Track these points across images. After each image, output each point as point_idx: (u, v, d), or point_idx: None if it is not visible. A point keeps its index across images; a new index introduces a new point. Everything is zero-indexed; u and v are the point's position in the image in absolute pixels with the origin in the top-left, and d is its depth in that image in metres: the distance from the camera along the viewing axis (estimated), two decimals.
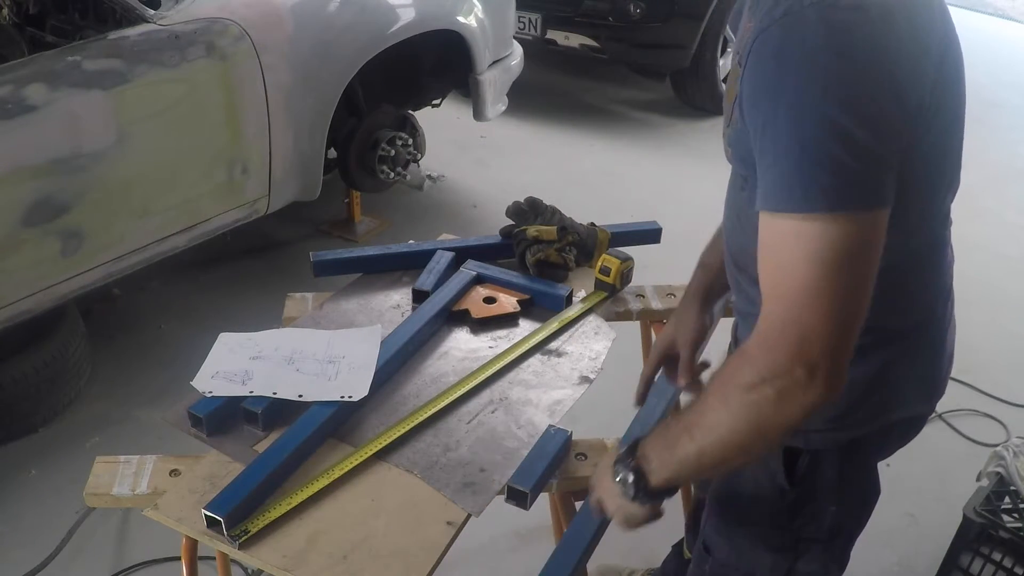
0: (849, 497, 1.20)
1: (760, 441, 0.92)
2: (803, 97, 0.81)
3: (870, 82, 0.82)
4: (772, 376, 0.86)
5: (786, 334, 0.85)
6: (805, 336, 0.84)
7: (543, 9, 4.64)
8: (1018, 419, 2.64)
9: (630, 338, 2.01)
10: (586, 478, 1.39)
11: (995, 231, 3.84)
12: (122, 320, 2.90)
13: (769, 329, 0.87)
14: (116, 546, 2.09)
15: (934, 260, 1.07)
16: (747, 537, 1.24)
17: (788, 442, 1.10)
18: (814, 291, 0.83)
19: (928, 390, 1.15)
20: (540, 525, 2.04)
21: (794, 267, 0.84)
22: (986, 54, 6.56)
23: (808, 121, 0.81)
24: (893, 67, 0.84)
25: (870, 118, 0.82)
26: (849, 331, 0.85)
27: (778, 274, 0.87)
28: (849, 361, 0.87)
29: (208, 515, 1.21)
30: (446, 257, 1.84)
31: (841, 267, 0.83)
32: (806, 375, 0.85)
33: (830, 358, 0.85)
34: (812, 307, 0.84)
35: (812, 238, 0.83)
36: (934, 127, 0.90)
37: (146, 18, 2.36)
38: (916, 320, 1.08)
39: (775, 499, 1.17)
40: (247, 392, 1.42)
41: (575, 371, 1.59)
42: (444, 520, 1.26)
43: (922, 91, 0.87)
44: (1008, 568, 1.80)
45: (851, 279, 0.84)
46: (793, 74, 0.82)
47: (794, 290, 0.85)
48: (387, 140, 3.21)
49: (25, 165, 2.07)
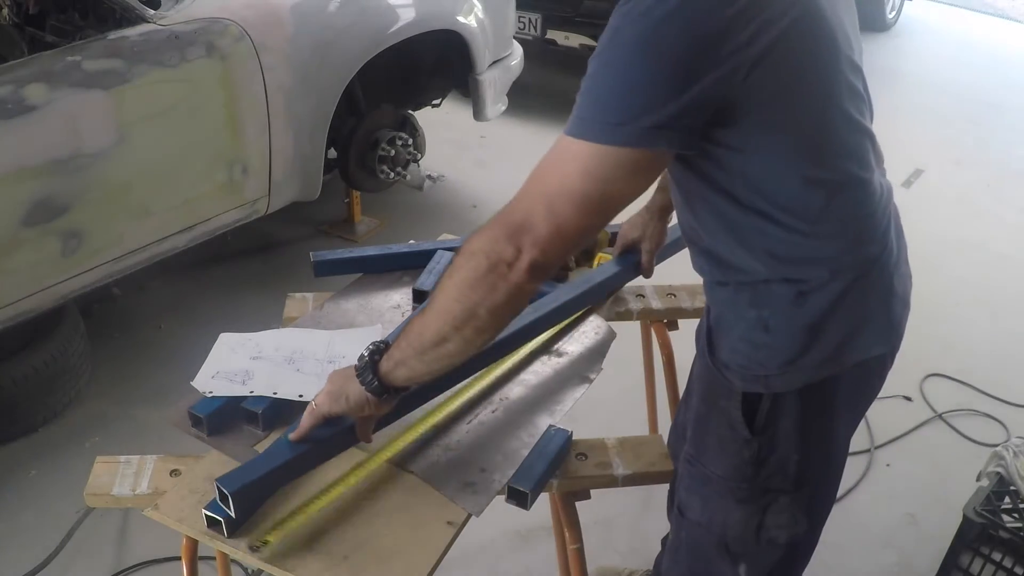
0: (812, 446, 1.22)
1: (469, 314, 1.03)
2: (617, 43, 0.94)
3: (672, 39, 0.91)
4: (488, 249, 1.01)
5: (513, 221, 1.00)
6: (526, 226, 0.99)
7: (543, 9, 4.64)
8: (1018, 419, 2.64)
9: (630, 338, 2.02)
10: (587, 478, 1.40)
11: (995, 231, 3.85)
12: (122, 320, 2.90)
13: (505, 214, 1.02)
14: (116, 546, 2.09)
15: (855, 200, 1.11)
16: (716, 492, 1.28)
17: (746, 388, 1.18)
18: (555, 200, 0.98)
19: (880, 331, 1.19)
20: (540, 525, 2.04)
21: (546, 175, 1.00)
22: (986, 54, 6.56)
23: (612, 64, 0.95)
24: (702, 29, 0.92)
25: (663, 71, 0.93)
26: (562, 239, 0.99)
27: (537, 179, 1.01)
28: (554, 266, 1.02)
29: (208, 515, 1.21)
30: (446, 257, 1.83)
31: (588, 193, 0.97)
32: (513, 255, 0.99)
33: (538, 250, 0.99)
34: (542, 208, 0.98)
35: (577, 161, 0.97)
36: (773, 73, 0.96)
37: (146, 18, 2.36)
38: (855, 259, 1.12)
39: (739, 450, 1.22)
40: (247, 392, 1.42)
41: (575, 371, 1.59)
42: (444, 520, 1.26)
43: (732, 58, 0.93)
44: (1008, 568, 1.80)
45: (590, 205, 0.98)
46: (623, 24, 0.94)
47: (536, 192, 1.00)
48: (387, 140, 3.21)
49: (25, 165, 2.07)
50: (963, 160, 4.55)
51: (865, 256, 1.14)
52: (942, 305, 3.17)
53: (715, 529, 1.30)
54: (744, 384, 1.19)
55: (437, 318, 1.06)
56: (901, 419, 2.61)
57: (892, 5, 6.80)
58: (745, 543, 1.29)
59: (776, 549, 1.28)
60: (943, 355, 2.90)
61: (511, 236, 1.00)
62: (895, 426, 2.58)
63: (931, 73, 6.00)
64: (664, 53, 0.92)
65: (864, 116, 1.11)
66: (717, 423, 1.24)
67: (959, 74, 5.98)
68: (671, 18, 0.91)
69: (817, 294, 1.11)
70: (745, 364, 1.18)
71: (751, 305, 1.15)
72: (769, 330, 1.14)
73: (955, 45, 6.77)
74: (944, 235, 3.71)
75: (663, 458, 1.45)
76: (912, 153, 4.42)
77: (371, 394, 1.15)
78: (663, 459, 1.44)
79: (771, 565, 1.30)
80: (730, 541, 1.29)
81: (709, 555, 1.33)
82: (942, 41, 6.86)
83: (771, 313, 1.14)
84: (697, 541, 1.35)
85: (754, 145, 1.02)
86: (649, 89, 0.93)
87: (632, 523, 2.18)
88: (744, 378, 1.18)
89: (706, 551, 1.33)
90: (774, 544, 1.28)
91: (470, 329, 1.05)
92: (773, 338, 1.15)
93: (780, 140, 1.02)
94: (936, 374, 2.82)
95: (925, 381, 2.78)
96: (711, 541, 1.32)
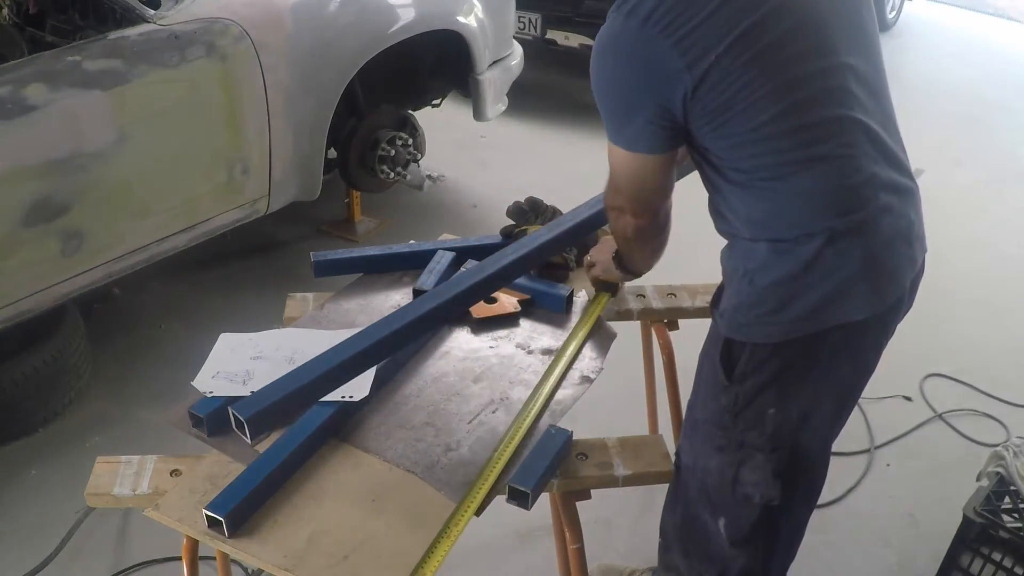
0: (789, 404, 1.30)
1: (623, 240, 1.51)
2: (597, 70, 1.26)
3: (624, 68, 1.23)
4: (610, 205, 1.43)
5: (611, 191, 1.40)
6: (616, 193, 1.39)
7: (543, 9, 4.64)
8: (1018, 419, 2.64)
9: (630, 338, 2.02)
10: (587, 478, 1.40)
11: (995, 231, 3.85)
12: (122, 320, 2.90)
13: (608, 186, 1.40)
14: (116, 546, 2.09)
15: (832, 174, 1.23)
16: (700, 437, 1.41)
17: (729, 334, 1.32)
18: (619, 178, 1.35)
19: (861, 299, 1.26)
20: (540, 525, 2.04)
21: (614, 165, 1.34)
22: (986, 54, 6.56)
23: (597, 90, 1.27)
24: (644, 56, 1.20)
25: (623, 94, 1.26)
26: (638, 199, 1.37)
27: (611, 167, 1.35)
28: (650, 212, 1.39)
29: (209, 515, 1.21)
30: (447, 257, 1.84)
31: (630, 175, 1.33)
32: (618, 208, 1.41)
33: (631, 203, 1.38)
34: (620, 184, 1.36)
35: (619, 156, 1.31)
36: (730, 70, 1.17)
37: (146, 18, 2.36)
38: (827, 227, 1.23)
39: (718, 395, 1.35)
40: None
41: (575, 371, 1.59)
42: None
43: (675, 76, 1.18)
44: (1008, 568, 1.80)
45: (634, 186, 1.35)
46: (597, 55, 1.26)
47: (614, 174, 1.36)
48: (387, 140, 3.21)
49: (25, 165, 2.07)
50: (963, 160, 4.55)
51: (844, 222, 1.23)
52: (942, 305, 3.17)
53: (698, 474, 1.43)
54: (728, 331, 1.32)
55: (619, 242, 1.57)
56: (901, 419, 2.61)
57: (892, 5, 6.81)
58: (722, 494, 1.40)
59: (752, 508, 1.37)
60: (943, 355, 2.90)
61: (613, 199, 1.40)
62: (895, 426, 2.58)
63: (931, 73, 6.00)
64: (622, 80, 1.24)
65: (854, 110, 1.24)
66: (708, 369, 1.38)
67: (959, 74, 5.98)
68: (622, 55, 1.22)
69: (791, 253, 1.24)
70: (732, 314, 1.31)
71: (741, 260, 1.31)
72: (753, 284, 1.28)
73: (955, 45, 6.77)
74: (944, 235, 3.68)
75: (663, 458, 1.45)
76: (912, 153, 4.33)
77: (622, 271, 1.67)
78: (663, 459, 1.45)
79: (749, 525, 1.39)
80: (710, 489, 1.41)
81: (696, 502, 1.45)
82: (942, 41, 6.86)
83: (756, 267, 1.28)
84: (686, 486, 1.46)
85: (717, 143, 1.24)
86: (620, 109, 1.27)
87: (632, 523, 2.18)
88: (729, 325, 1.32)
89: (694, 498, 1.45)
90: (749, 502, 1.37)
91: (632, 245, 1.51)
92: (754, 291, 1.28)
93: (744, 135, 1.22)
94: (936, 374, 2.81)
95: (925, 381, 2.77)
96: (695, 486, 1.44)
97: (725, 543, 1.42)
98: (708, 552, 1.46)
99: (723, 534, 1.42)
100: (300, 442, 1.34)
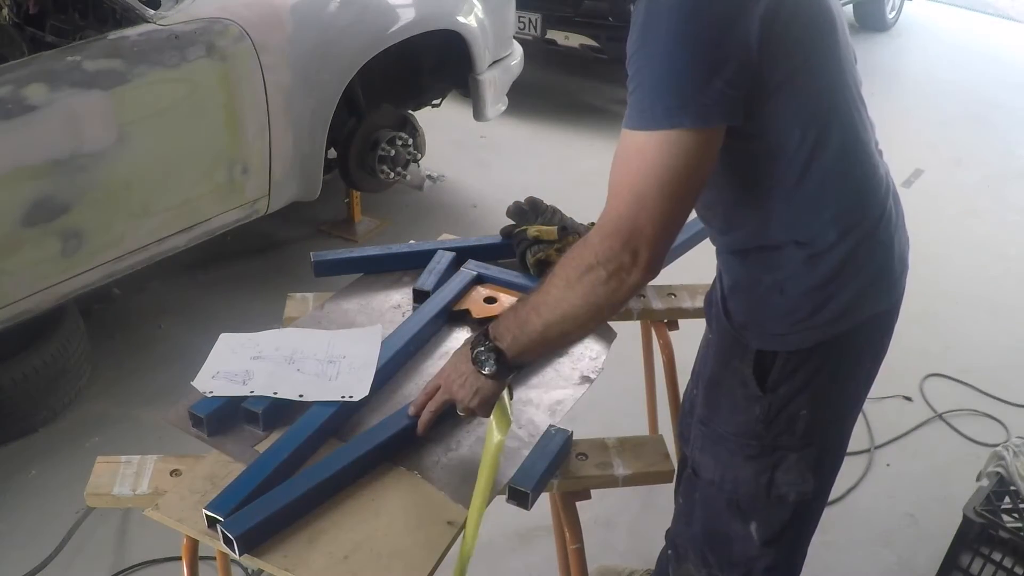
0: (821, 403, 1.28)
1: (594, 314, 1.14)
2: (654, 36, 1.02)
3: (699, 23, 1.00)
4: (606, 260, 1.07)
5: (620, 227, 1.06)
6: (635, 231, 1.05)
7: (543, 9, 4.64)
8: (1018, 419, 2.64)
9: (630, 338, 2.02)
10: (587, 478, 1.40)
11: (995, 231, 3.85)
12: (122, 320, 2.90)
13: (608, 222, 1.07)
14: (116, 546, 2.09)
15: (857, 162, 1.20)
16: (727, 450, 1.34)
17: (763, 346, 1.25)
18: (647, 195, 1.04)
19: (884, 287, 1.28)
20: (540, 525, 2.04)
21: (630, 175, 1.05)
22: (986, 54, 6.56)
23: (655, 56, 1.02)
24: (720, 9, 1.01)
25: (701, 52, 1.01)
26: (666, 231, 1.06)
27: (623, 179, 1.06)
28: (665, 255, 1.08)
29: (209, 515, 1.21)
30: (447, 257, 1.84)
31: (671, 178, 1.03)
32: (630, 260, 1.06)
33: (651, 248, 1.06)
34: (641, 210, 1.04)
35: (652, 151, 1.03)
36: (783, 50, 1.05)
37: (146, 18, 2.36)
38: (859, 220, 1.21)
39: (750, 407, 1.29)
40: (248, 392, 1.42)
41: (575, 371, 1.59)
42: (444, 520, 1.26)
43: (749, 26, 1.02)
44: (1008, 568, 1.80)
45: (676, 188, 1.04)
46: (652, 19, 1.02)
47: (633, 193, 1.05)
48: (387, 140, 3.21)
49: (25, 165, 2.07)
50: (963, 160, 4.55)
51: (869, 217, 1.22)
52: (942, 305, 3.17)
53: (727, 487, 1.36)
54: (762, 343, 1.26)
55: (562, 322, 1.16)
56: (901, 419, 2.61)
57: (892, 5, 6.81)
58: (755, 500, 1.35)
59: (786, 507, 1.34)
60: (943, 355, 2.90)
61: (626, 243, 1.06)
62: (895, 426, 2.58)
63: (931, 73, 6.00)
64: (698, 36, 1.01)
65: (857, 100, 1.21)
66: (730, 383, 1.31)
67: (959, 74, 5.98)
68: (696, 9, 1.00)
69: (826, 256, 1.19)
70: (763, 324, 1.25)
71: (766, 271, 1.23)
72: (784, 292, 1.22)
73: (955, 45, 6.77)
74: (944, 235, 3.71)
75: (663, 458, 1.45)
76: (912, 153, 4.42)
77: (491, 379, 1.26)
78: (663, 459, 1.45)
79: (782, 524, 1.36)
80: (741, 498, 1.36)
81: (722, 514, 1.39)
82: (942, 41, 6.86)
83: (785, 277, 1.22)
84: (711, 500, 1.41)
85: (768, 125, 1.11)
86: (694, 71, 1.01)
87: (632, 523, 2.18)
88: (762, 337, 1.26)
89: (719, 510, 1.39)
90: (784, 502, 1.33)
91: (594, 323, 1.18)
92: (788, 300, 1.22)
93: (791, 113, 1.10)
94: (936, 374, 2.81)
95: (925, 381, 2.77)
96: (723, 499, 1.38)
97: (755, 544, 1.39)
98: (732, 557, 1.43)
99: (755, 537, 1.38)
100: (300, 442, 1.33)
